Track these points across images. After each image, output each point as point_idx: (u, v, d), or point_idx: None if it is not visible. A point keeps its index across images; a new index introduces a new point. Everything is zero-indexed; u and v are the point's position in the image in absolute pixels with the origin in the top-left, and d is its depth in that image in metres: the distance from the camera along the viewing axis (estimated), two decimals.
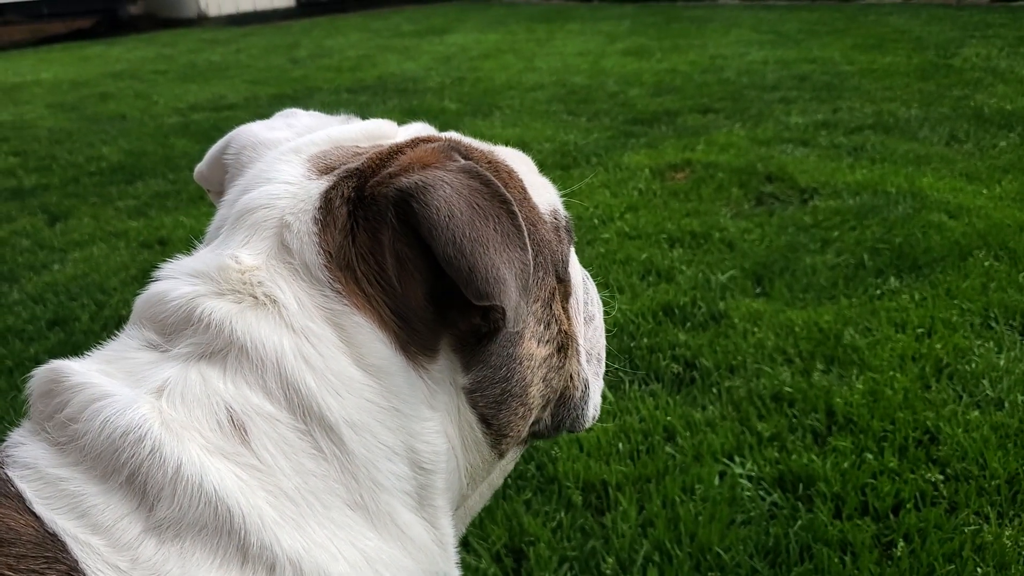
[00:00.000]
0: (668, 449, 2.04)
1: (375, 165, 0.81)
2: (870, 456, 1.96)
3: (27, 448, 0.65)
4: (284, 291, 0.75)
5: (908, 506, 1.81)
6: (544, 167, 4.03)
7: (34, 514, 0.58)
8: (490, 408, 0.84)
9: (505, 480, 1.97)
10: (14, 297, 3.26)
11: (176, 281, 0.76)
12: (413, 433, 0.79)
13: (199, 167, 0.97)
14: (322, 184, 0.80)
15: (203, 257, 0.78)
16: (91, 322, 2.96)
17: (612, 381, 2.36)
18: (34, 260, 3.65)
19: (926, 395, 2.19)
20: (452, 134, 0.92)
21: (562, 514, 1.85)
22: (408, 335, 0.79)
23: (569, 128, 5.37)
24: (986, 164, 4.03)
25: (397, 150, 0.83)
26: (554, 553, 1.73)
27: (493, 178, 0.80)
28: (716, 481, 1.92)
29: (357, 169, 0.81)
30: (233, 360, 0.70)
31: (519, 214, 0.78)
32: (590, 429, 0.83)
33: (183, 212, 4.13)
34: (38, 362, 2.54)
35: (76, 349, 1.07)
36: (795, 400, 2.20)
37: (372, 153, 0.83)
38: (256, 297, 0.74)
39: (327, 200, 0.79)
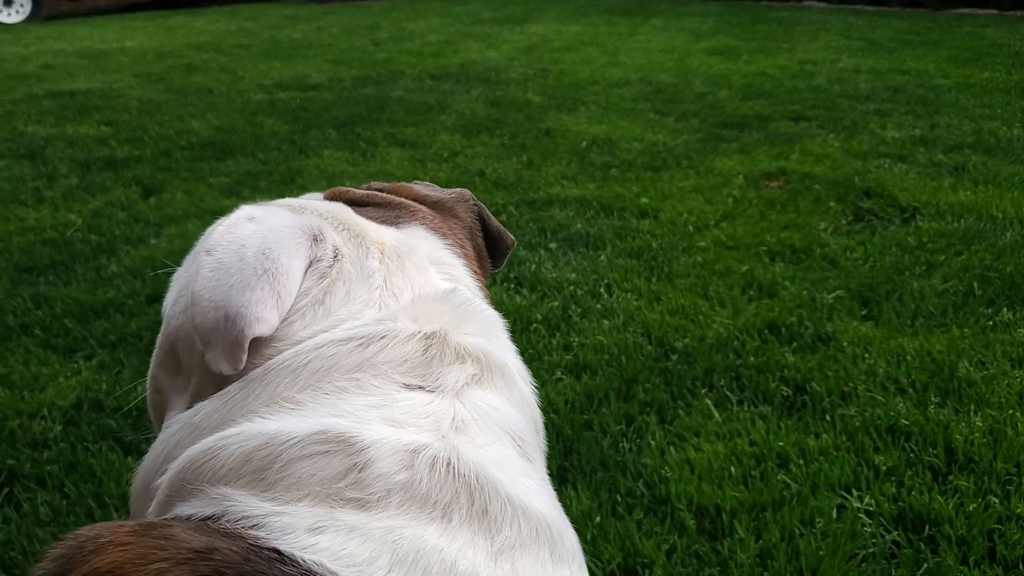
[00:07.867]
0: (782, 477, 1.99)
1: (436, 205, 1.04)
2: (995, 500, 1.90)
3: (295, 516, 0.63)
4: (487, 310, 0.88)
5: None
6: (633, 167, 3.93)
7: None
8: None
9: (614, 496, 1.95)
10: (113, 270, 3.30)
11: (391, 324, 0.80)
12: None
13: (267, 312, 0.78)
14: (420, 225, 0.97)
15: (407, 301, 0.85)
16: None
17: (719, 399, 2.31)
18: (130, 233, 3.69)
19: None
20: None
21: (675, 537, 1.81)
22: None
23: (657, 128, 5.30)
24: None
25: (414, 194, 1.05)
26: None
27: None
28: (834, 514, 1.86)
29: (425, 208, 1.00)
30: (501, 387, 0.80)
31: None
32: None
33: (275, 193, 4.15)
34: (140, 338, 2.53)
35: None
36: (911, 434, 2.13)
37: (410, 196, 1.03)
38: (477, 326, 0.84)
39: (453, 235, 0.99)
